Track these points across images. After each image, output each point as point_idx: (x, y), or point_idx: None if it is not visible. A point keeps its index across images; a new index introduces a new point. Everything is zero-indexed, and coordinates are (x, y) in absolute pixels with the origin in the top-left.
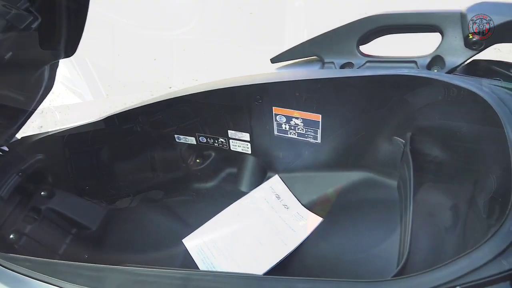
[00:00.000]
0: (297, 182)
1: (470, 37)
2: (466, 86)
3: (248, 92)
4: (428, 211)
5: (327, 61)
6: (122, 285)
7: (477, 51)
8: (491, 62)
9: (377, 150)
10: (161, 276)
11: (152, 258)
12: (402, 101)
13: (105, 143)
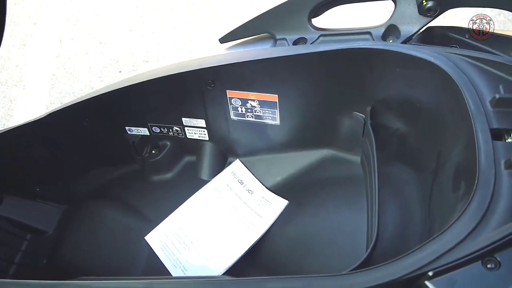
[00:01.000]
0: (259, 165)
1: (424, 3)
2: (422, 56)
3: (198, 76)
4: (395, 185)
5: (279, 38)
6: None
7: (431, 18)
8: (446, 29)
9: (338, 127)
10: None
11: (115, 259)
12: (359, 75)
13: (52, 141)
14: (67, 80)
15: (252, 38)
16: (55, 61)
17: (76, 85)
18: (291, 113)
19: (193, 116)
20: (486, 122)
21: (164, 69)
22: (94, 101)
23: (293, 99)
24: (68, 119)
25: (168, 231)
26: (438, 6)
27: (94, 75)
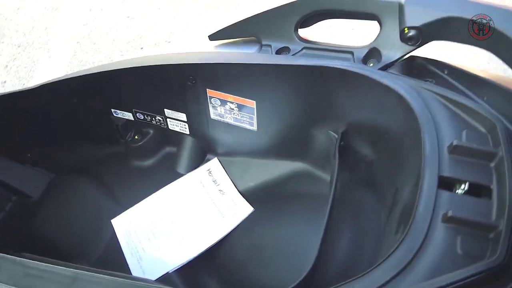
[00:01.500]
0: (236, 167)
1: (406, 31)
2: (392, 86)
3: (180, 71)
4: (354, 211)
5: (264, 44)
6: (12, 277)
7: (413, 47)
8: (427, 61)
9: (313, 143)
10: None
11: (79, 235)
12: (334, 94)
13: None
14: (89, 50)
15: (239, 40)
16: (82, 29)
17: (97, 56)
18: (268, 121)
19: (175, 109)
20: (437, 168)
21: (152, 58)
22: (83, 79)
23: (271, 107)
24: (59, 93)
25: (134, 218)
26: (420, 36)
27: (116, 48)
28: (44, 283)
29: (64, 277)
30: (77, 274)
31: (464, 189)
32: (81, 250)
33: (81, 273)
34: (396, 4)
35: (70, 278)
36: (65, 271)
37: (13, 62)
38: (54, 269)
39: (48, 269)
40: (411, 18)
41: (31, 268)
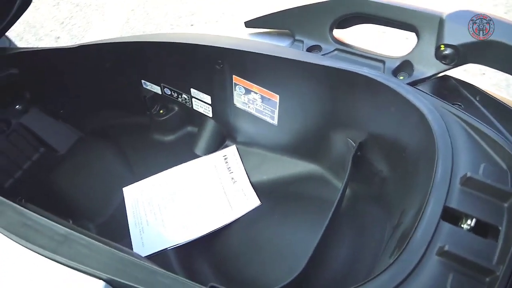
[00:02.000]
0: (252, 158)
1: (442, 48)
2: (417, 104)
3: (209, 53)
4: (359, 224)
5: (297, 39)
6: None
7: (448, 67)
8: (460, 83)
9: (331, 148)
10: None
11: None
12: (357, 101)
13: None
14: (142, 19)
15: (274, 31)
16: None
17: (148, 26)
18: (289, 117)
19: (201, 89)
20: (445, 197)
21: (186, 36)
22: (118, 46)
23: (293, 104)
24: (94, 56)
25: (144, 190)
26: (456, 56)
27: (167, 22)
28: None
29: (57, 234)
30: (69, 234)
31: (469, 225)
32: (89, 212)
33: (73, 234)
34: (437, 18)
35: (62, 236)
36: (59, 229)
37: (70, 20)
38: (49, 224)
39: (45, 223)
40: (450, 35)
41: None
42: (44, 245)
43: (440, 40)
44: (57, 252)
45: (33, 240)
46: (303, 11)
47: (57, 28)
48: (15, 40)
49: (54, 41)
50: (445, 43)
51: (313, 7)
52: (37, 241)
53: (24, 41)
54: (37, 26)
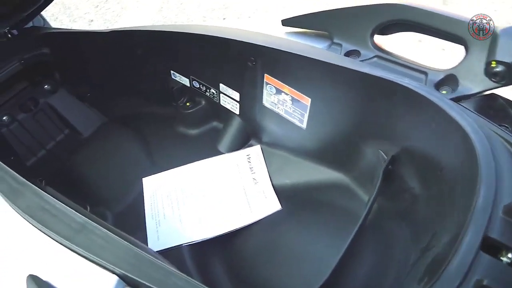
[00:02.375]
0: (276, 160)
1: (493, 64)
2: (460, 122)
3: (243, 49)
4: (383, 241)
5: (335, 42)
6: (30, 207)
7: (497, 85)
8: (509, 103)
9: (360, 158)
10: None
11: (111, 183)
12: (395, 113)
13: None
14: (175, 8)
15: (311, 32)
16: None
17: (181, 16)
18: (318, 122)
19: (230, 85)
20: (485, 226)
21: (219, 30)
22: (151, 34)
23: (325, 109)
24: (127, 42)
25: (164, 182)
26: (508, 74)
27: (199, 13)
28: (56, 221)
29: (74, 222)
30: (87, 223)
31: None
32: (107, 199)
33: (90, 223)
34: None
35: (79, 225)
36: (77, 217)
37: (104, 4)
38: (68, 211)
39: (63, 209)
40: (503, 51)
41: (49, 204)
42: (60, 231)
43: (492, 56)
44: (73, 240)
45: (50, 225)
46: (344, 14)
47: (91, 11)
48: (49, 20)
49: (87, 24)
50: (497, 60)
51: (356, 10)
52: (54, 227)
53: (58, 22)
54: (72, 7)
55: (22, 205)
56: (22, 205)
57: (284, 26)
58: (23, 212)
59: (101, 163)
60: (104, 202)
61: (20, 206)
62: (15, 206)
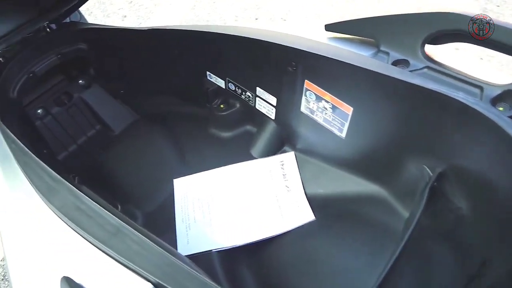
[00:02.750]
0: (310, 168)
1: None
2: None
3: (284, 53)
4: (424, 263)
5: (382, 49)
6: (65, 206)
7: None
8: None
9: (401, 171)
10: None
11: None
12: (444, 128)
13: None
14: (208, 7)
15: (355, 38)
16: None
17: (213, 14)
18: (359, 132)
19: (267, 90)
20: None
21: (259, 32)
22: (190, 34)
23: (367, 120)
24: (164, 41)
25: (195, 185)
26: None
27: (231, 13)
28: (91, 223)
29: (110, 225)
30: (122, 227)
31: None
32: (137, 198)
33: (125, 227)
34: None
35: (115, 228)
36: (113, 220)
37: (137, 0)
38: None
39: (99, 211)
40: None
41: (84, 204)
42: (95, 234)
43: None
44: (108, 244)
45: (85, 226)
46: (393, 21)
47: (125, 7)
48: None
49: (121, 20)
50: None
51: (407, 17)
52: (89, 228)
53: (92, 16)
54: (107, 3)
55: (57, 203)
56: (57, 204)
57: (327, 31)
58: (58, 211)
59: (132, 161)
60: (134, 201)
61: (55, 205)
62: (50, 204)
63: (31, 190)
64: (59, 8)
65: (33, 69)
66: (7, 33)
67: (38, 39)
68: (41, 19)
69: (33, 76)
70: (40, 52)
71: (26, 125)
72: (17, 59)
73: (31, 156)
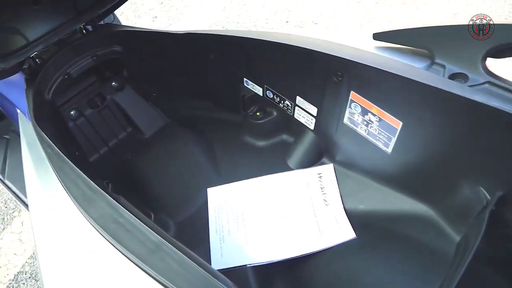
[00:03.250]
0: (349, 182)
1: None
2: None
3: (329, 63)
4: None
5: (437, 62)
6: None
7: None
8: None
9: (454, 192)
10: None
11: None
12: (509, 149)
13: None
14: (238, 9)
15: (406, 48)
16: None
17: (243, 17)
18: (407, 148)
19: (308, 99)
20: None
21: (298, 39)
22: (226, 39)
23: (417, 135)
24: (200, 45)
25: (230, 195)
26: None
27: (262, 15)
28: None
29: (149, 240)
30: (162, 244)
31: None
32: (170, 206)
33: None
34: None
35: (154, 245)
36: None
37: (168, 1)
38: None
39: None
40: None
41: (122, 217)
42: (134, 250)
43: None
44: (147, 262)
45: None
46: (451, 31)
47: (155, 8)
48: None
49: (151, 20)
50: None
51: (465, 28)
52: (128, 244)
53: (123, 17)
54: (138, 3)
55: (94, 214)
56: (94, 214)
57: (375, 40)
58: (94, 222)
59: (164, 166)
60: (167, 209)
61: (92, 215)
62: (86, 214)
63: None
64: (96, 10)
65: (69, 70)
66: (44, 34)
67: (74, 40)
68: (78, 20)
69: (68, 77)
70: (76, 53)
71: (59, 126)
72: (53, 61)
73: (67, 162)
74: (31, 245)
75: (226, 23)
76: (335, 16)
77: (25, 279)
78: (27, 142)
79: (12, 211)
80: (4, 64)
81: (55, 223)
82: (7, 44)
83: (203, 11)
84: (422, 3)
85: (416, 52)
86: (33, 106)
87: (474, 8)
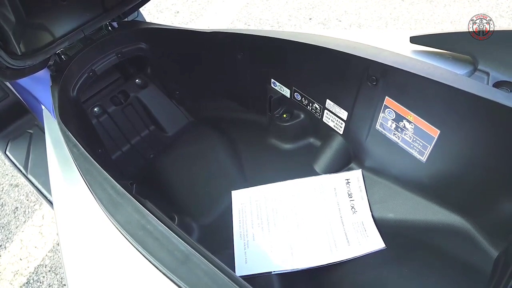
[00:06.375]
0: (379, 189)
1: None
2: None
3: (364, 66)
4: None
5: (480, 69)
6: (129, 222)
7: None
8: None
9: (494, 206)
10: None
11: (199, 192)
12: None
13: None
14: (261, 5)
15: (447, 53)
16: None
17: (266, 13)
18: (445, 158)
19: (338, 103)
20: None
21: (331, 40)
22: (255, 39)
23: (457, 146)
24: (228, 44)
25: (254, 199)
26: None
27: (285, 12)
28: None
29: (179, 251)
30: (191, 254)
31: None
32: (193, 209)
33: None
34: None
35: (183, 255)
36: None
37: None
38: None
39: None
40: None
41: (150, 224)
42: (163, 260)
43: None
44: (176, 272)
45: (151, 250)
46: (497, 37)
47: (178, 3)
48: None
49: (173, 15)
50: None
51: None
52: (156, 253)
53: (146, 11)
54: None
55: (121, 219)
56: (121, 220)
57: (412, 43)
58: (121, 227)
59: (187, 166)
60: (191, 212)
61: (118, 220)
62: (113, 219)
63: (92, 199)
64: (122, 6)
65: (94, 67)
66: (71, 30)
67: (100, 37)
68: (104, 17)
69: (92, 74)
70: (101, 50)
71: (83, 124)
72: (79, 58)
73: (93, 163)
74: (51, 238)
75: (249, 19)
76: (360, 14)
77: (45, 272)
78: (52, 140)
79: (34, 204)
80: (31, 61)
81: (81, 226)
82: (35, 40)
83: (225, 7)
84: (451, 1)
85: (457, 57)
86: (59, 103)
87: (504, 8)
